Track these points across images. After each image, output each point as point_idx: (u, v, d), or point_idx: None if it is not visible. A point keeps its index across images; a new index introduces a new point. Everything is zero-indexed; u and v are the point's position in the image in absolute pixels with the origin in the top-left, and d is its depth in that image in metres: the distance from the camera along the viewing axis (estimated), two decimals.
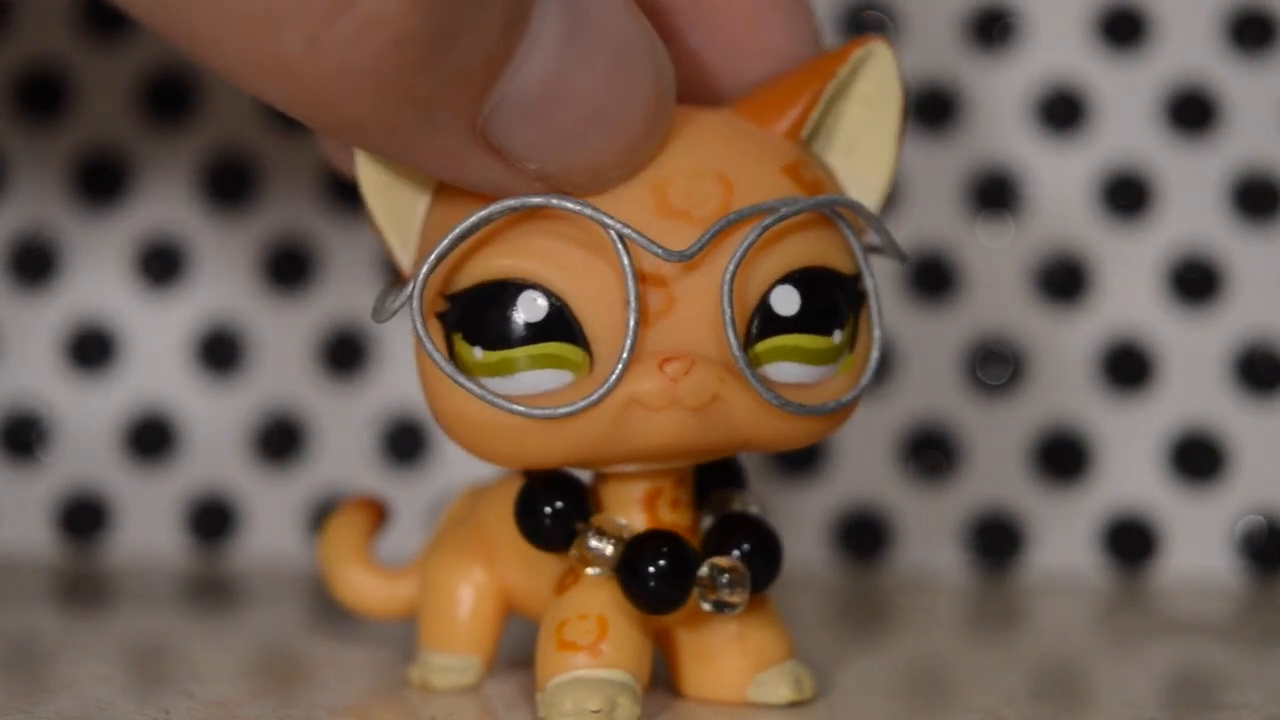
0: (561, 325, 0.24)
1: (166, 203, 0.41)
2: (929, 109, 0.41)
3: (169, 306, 0.41)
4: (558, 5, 0.22)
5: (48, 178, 0.42)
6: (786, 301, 0.24)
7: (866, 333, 0.25)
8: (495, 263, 0.24)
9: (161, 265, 0.41)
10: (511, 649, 0.28)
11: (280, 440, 0.41)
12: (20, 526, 0.41)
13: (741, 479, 0.27)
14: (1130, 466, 0.40)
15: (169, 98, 0.42)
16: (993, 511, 0.40)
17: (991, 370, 0.40)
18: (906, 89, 0.26)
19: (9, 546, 0.41)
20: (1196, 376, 0.40)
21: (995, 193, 0.40)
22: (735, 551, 0.25)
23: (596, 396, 0.24)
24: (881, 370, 0.39)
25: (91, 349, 0.41)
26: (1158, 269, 0.40)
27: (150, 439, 0.41)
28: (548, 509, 0.25)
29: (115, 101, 0.42)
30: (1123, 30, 0.41)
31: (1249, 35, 0.40)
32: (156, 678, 0.29)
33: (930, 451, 0.40)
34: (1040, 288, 0.40)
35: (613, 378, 0.23)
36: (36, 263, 0.41)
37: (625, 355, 0.23)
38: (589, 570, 0.25)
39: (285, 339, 0.41)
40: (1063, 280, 0.40)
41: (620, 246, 0.23)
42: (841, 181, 0.26)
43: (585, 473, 0.26)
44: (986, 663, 0.32)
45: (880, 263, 0.27)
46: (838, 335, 0.25)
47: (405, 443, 0.41)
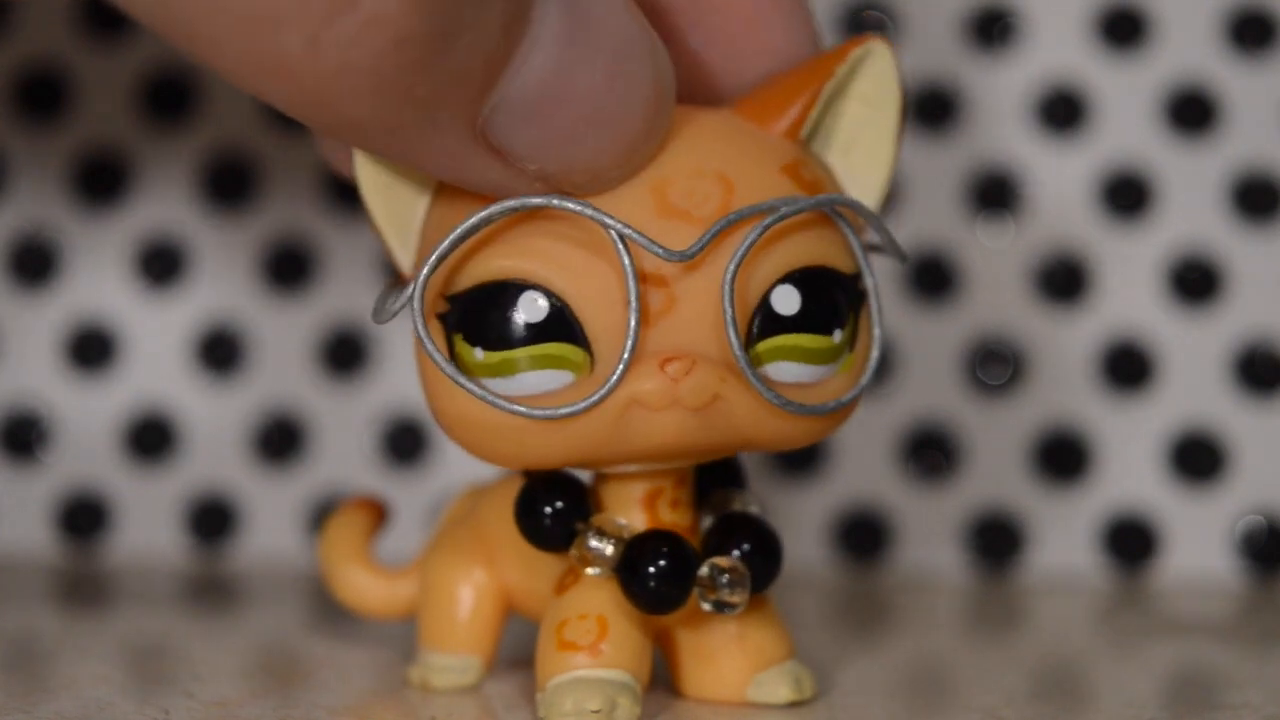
0: (562, 326, 0.24)
1: (166, 203, 0.41)
2: (929, 109, 0.41)
3: (169, 306, 0.41)
4: (558, 5, 0.22)
5: (48, 178, 0.42)
6: (787, 301, 0.24)
7: (867, 332, 0.25)
8: (496, 263, 0.24)
9: (161, 265, 0.41)
10: (511, 649, 0.28)
11: (280, 440, 0.41)
12: (20, 526, 0.41)
13: (741, 479, 0.27)
14: (1130, 466, 0.40)
15: (169, 98, 0.42)
16: (993, 511, 0.40)
17: (991, 370, 0.40)
18: (905, 88, 0.26)
19: (9, 546, 0.41)
20: (1196, 376, 0.40)
21: (995, 193, 0.40)
22: (735, 551, 0.25)
23: (597, 397, 0.24)
24: (881, 370, 0.39)
25: (91, 349, 0.41)
26: (1158, 269, 0.40)
27: (150, 439, 0.41)
28: (548, 509, 0.25)
29: (115, 101, 0.42)
30: (1123, 30, 0.41)
31: (1249, 35, 0.40)
32: (156, 678, 0.29)
33: (930, 451, 0.40)
34: (1040, 288, 0.40)
35: (614, 378, 0.23)
36: (36, 263, 0.41)
37: (626, 355, 0.23)
38: (589, 570, 0.25)
39: (285, 339, 0.41)
40: (1063, 280, 0.40)
41: (621, 246, 0.23)
42: (840, 181, 0.26)
43: (585, 473, 0.26)
44: (986, 663, 0.32)
45: (880, 262, 0.27)
46: (838, 335, 0.25)
47: (405, 443, 0.41)
